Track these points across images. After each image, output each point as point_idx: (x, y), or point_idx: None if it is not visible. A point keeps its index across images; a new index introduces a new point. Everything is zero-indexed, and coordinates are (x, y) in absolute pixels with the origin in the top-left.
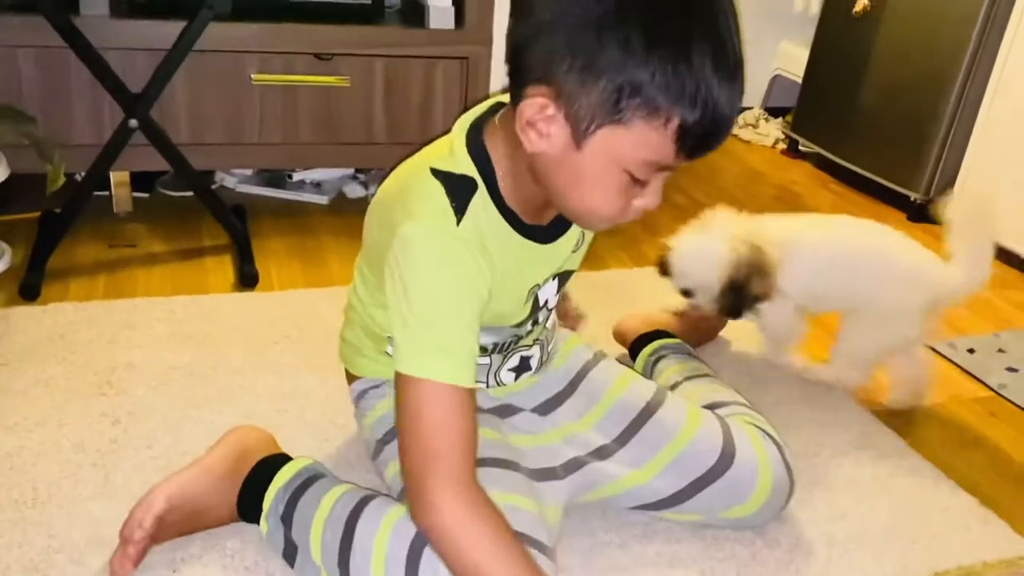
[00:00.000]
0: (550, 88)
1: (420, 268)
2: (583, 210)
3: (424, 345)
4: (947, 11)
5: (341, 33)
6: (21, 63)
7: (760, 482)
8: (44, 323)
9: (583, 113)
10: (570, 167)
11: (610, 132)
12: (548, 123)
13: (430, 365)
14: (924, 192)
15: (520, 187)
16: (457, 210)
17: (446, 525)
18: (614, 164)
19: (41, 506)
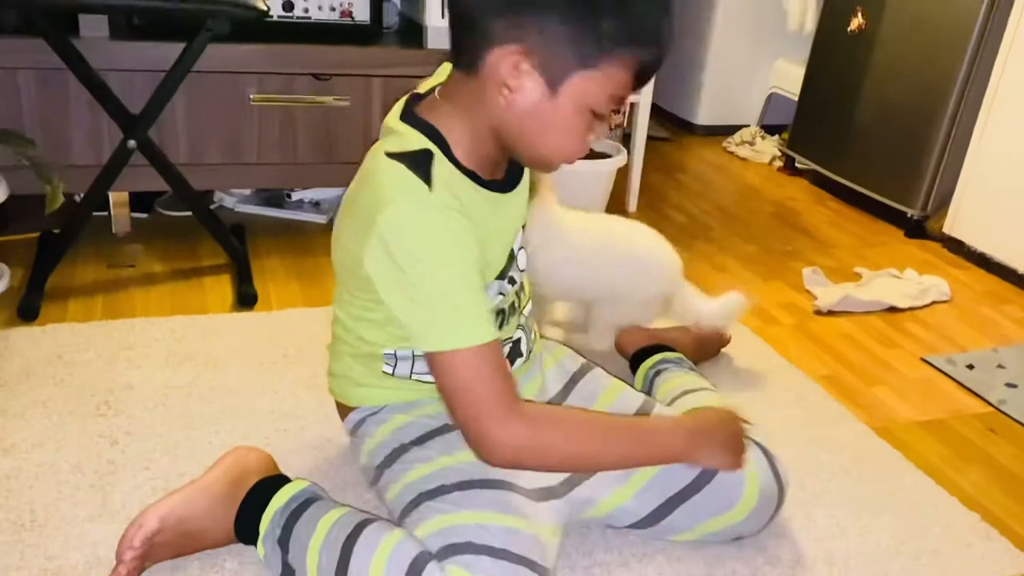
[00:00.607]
0: (521, 45)
1: (413, 245)
2: (550, 153)
3: (441, 319)
4: (942, 28)
5: (339, 53)
6: (21, 84)
7: (747, 490)
8: (42, 344)
9: (557, 63)
10: (543, 116)
11: (582, 77)
12: (522, 79)
13: (453, 337)
14: (921, 208)
15: (476, 148)
16: (425, 179)
17: (522, 450)
18: (584, 106)
19: (39, 528)
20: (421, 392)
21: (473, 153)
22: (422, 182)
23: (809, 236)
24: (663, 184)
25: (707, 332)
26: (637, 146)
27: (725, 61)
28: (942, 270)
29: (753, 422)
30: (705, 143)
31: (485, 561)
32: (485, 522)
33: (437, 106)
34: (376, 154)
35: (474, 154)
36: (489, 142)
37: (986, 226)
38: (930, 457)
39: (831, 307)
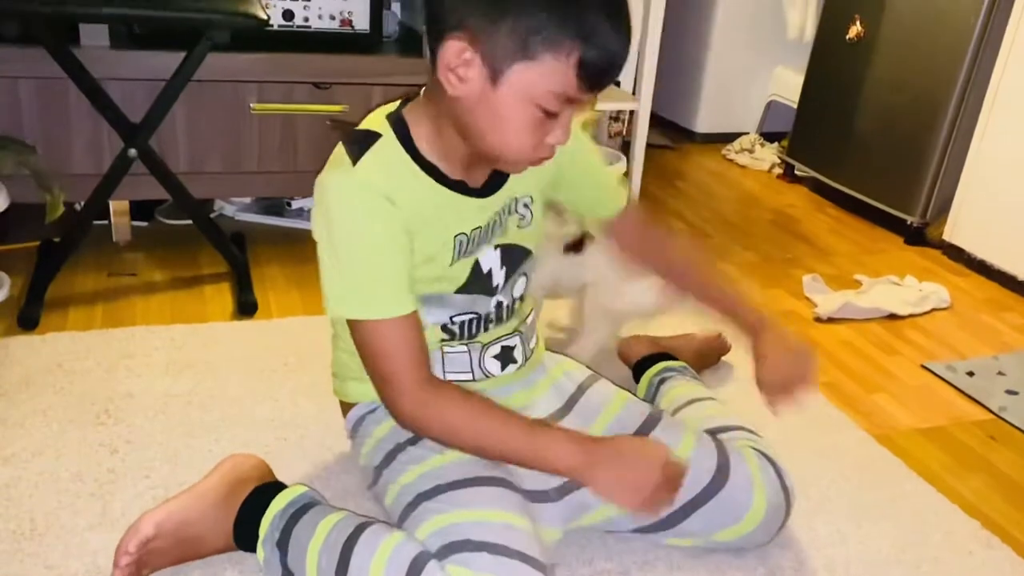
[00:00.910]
0: (465, 33)
1: (333, 211)
2: (501, 149)
3: (360, 285)
4: (940, 36)
5: (339, 62)
6: (22, 93)
7: (755, 503)
8: (42, 353)
9: (498, 53)
10: (488, 107)
11: (522, 68)
12: (466, 67)
13: (367, 307)
14: (920, 215)
15: (441, 142)
16: (352, 156)
17: (421, 420)
18: (527, 99)
19: (39, 537)
20: None
21: (437, 147)
22: (348, 158)
23: (809, 243)
24: (663, 192)
25: (708, 341)
26: (636, 154)
27: (724, 69)
28: (942, 277)
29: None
30: (704, 151)
31: (484, 557)
32: (483, 519)
33: (417, 104)
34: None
35: (438, 148)
36: (454, 137)
37: (986, 233)
38: (931, 464)
39: (831, 314)
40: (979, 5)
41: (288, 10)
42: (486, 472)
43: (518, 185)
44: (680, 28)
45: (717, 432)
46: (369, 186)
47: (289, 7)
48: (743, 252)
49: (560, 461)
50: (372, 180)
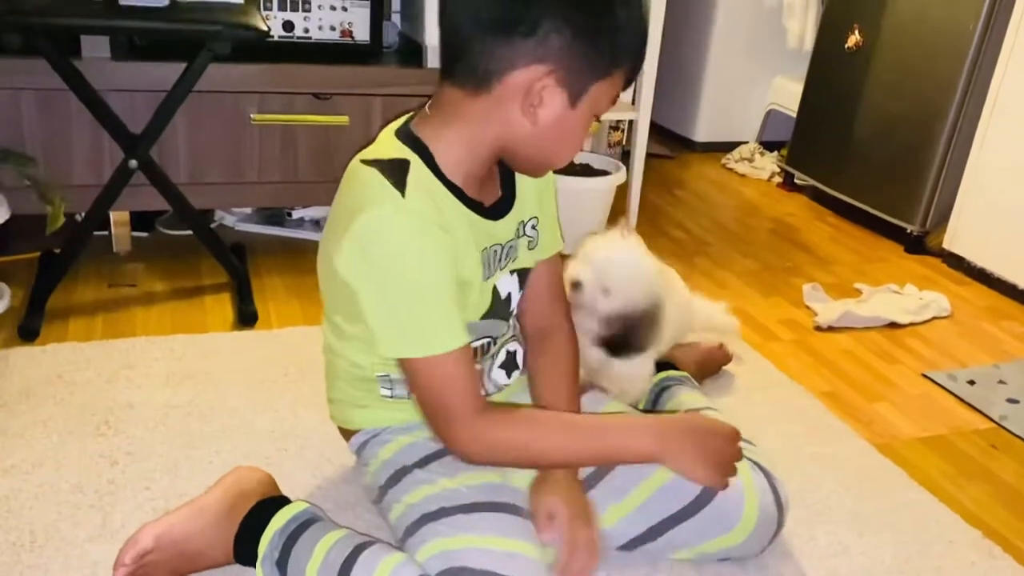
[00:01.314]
0: (545, 66)
1: (390, 249)
2: (559, 159)
3: (411, 326)
4: (939, 44)
5: (340, 73)
6: (23, 105)
7: (746, 511)
8: (43, 364)
9: (579, 78)
10: (562, 128)
11: (597, 87)
12: (547, 95)
13: (422, 344)
14: (920, 224)
15: (464, 163)
16: (397, 186)
17: (488, 449)
18: (590, 112)
19: (39, 549)
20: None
21: (460, 168)
22: (394, 188)
23: (808, 252)
24: (662, 201)
25: (708, 351)
26: (636, 163)
27: (724, 78)
28: (942, 285)
29: (755, 444)
30: (704, 160)
31: None
32: (486, 546)
33: (425, 120)
34: (352, 163)
35: (460, 169)
36: (481, 158)
37: (986, 241)
38: (932, 474)
39: (831, 323)
40: (978, 13)
41: (288, 21)
42: (492, 498)
43: (524, 208)
44: (679, 37)
45: None
46: (421, 214)
47: (290, 18)
48: (743, 261)
49: (637, 452)
50: (423, 207)
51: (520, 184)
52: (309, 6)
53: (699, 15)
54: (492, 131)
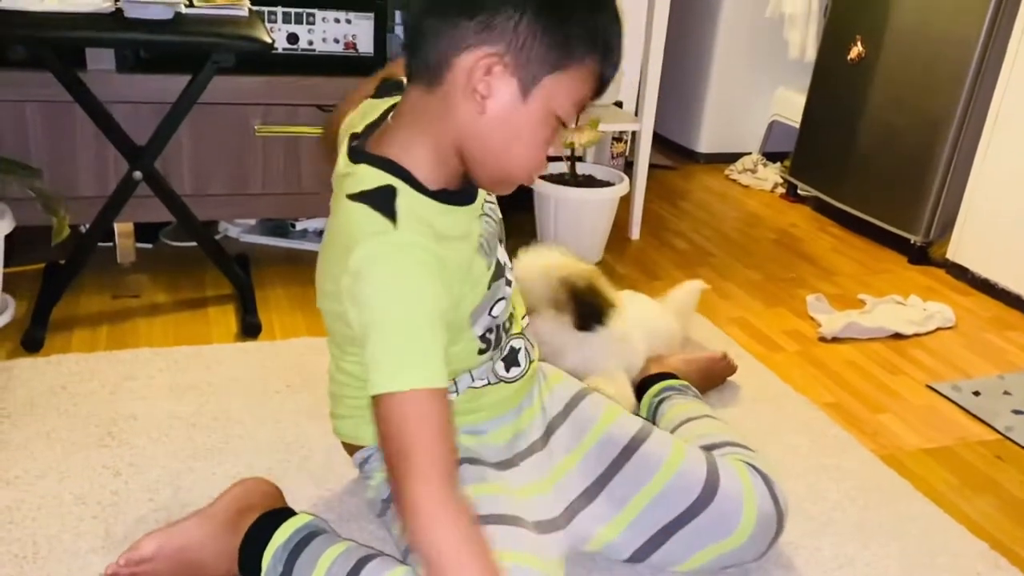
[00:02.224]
0: (494, 48)
1: (381, 286)
2: (515, 166)
3: (402, 358)
4: (941, 55)
5: (343, 85)
6: (28, 117)
7: (745, 515)
8: (46, 375)
9: (530, 66)
10: (510, 123)
11: (553, 80)
12: (496, 82)
13: (409, 376)
14: (924, 235)
15: (441, 166)
16: (389, 217)
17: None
18: (550, 112)
19: (42, 560)
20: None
21: (439, 173)
22: (387, 220)
23: (812, 263)
24: (665, 212)
25: (712, 361)
26: (639, 174)
27: (726, 89)
28: (946, 296)
29: (754, 451)
30: (707, 171)
31: None
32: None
33: (391, 133)
34: (338, 200)
35: (440, 173)
36: (453, 158)
37: (989, 252)
38: (937, 485)
39: (835, 334)
40: (980, 24)
41: (293, 34)
42: (496, 511)
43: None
44: (682, 49)
45: (711, 448)
46: (415, 244)
47: (294, 31)
48: (746, 272)
49: None
50: (416, 235)
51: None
52: (313, 19)
53: (702, 26)
54: (449, 129)
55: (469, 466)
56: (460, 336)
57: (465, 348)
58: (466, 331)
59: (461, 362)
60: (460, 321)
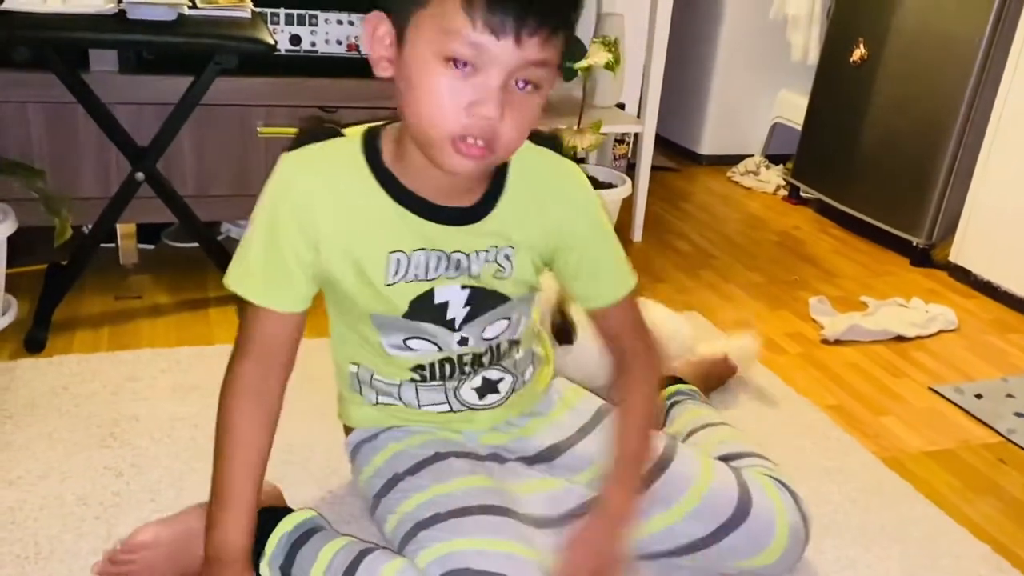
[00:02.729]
0: (379, 11)
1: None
2: (422, 124)
3: (240, 265)
4: (944, 57)
5: (345, 86)
6: (31, 118)
7: (778, 533)
8: (48, 375)
9: (398, 11)
10: (403, 74)
11: (417, 17)
12: (384, 39)
13: (244, 286)
14: (926, 237)
15: (403, 153)
16: (292, 145)
17: (222, 398)
18: (429, 52)
19: (43, 561)
20: (399, 416)
21: (399, 160)
22: (293, 150)
23: (814, 265)
24: (668, 214)
25: (713, 363)
26: (641, 176)
27: (729, 91)
28: (948, 299)
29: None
30: (710, 173)
31: None
32: (484, 548)
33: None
34: None
35: (401, 162)
36: (408, 146)
37: (992, 254)
38: (939, 488)
39: (838, 336)
40: (984, 25)
41: (295, 35)
42: (486, 501)
43: (504, 231)
44: (684, 51)
45: (731, 459)
46: (280, 181)
47: (296, 32)
48: (748, 274)
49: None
50: (287, 176)
51: (507, 208)
52: (316, 20)
53: (705, 28)
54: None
55: (456, 460)
56: (358, 324)
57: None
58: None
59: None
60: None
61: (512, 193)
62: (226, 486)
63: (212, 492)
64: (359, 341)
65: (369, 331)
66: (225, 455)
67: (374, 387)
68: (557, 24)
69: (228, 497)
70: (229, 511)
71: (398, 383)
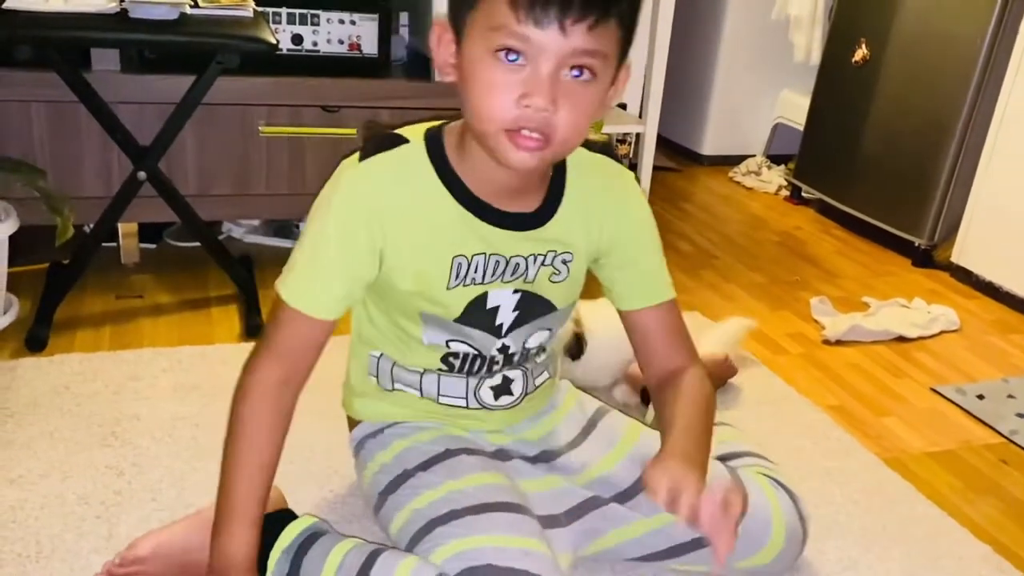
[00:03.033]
0: (443, 20)
1: (320, 199)
2: (477, 119)
3: (296, 272)
4: (946, 57)
5: (347, 86)
6: (33, 117)
7: (774, 532)
8: (50, 374)
9: (456, 15)
10: (462, 74)
11: (471, 18)
12: (448, 46)
13: (297, 295)
14: (928, 237)
15: (467, 155)
16: (363, 153)
17: (237, 395)
18: (482, 49)
19: (44, 560)
20: (411, 407)
21: (464, 163)
22: (358, 155)
23: (816, 266)
24: (669, 214)
25: (715, 363)
26: (643, 176)
27: (731, 92)
28: (950, 299)
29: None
30: (711, 173)
31: None
32: (502, 544)
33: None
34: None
35: (466, 164)
36: (475, 149)
37: (994, 255)
38: (941, 488)
39: (839, 337)
40: (986, 26)
41: (297, 34)
42: (501, 498)
43: (563, 237)
44: (686, 51)
45: (728, 458)
46: (355, 193)
47: (298, 32)
48: (750, 274)
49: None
50: (362, 188)
51: (567, 214)
52: (318, 20)
53: (706, 28)
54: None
55: (467, 457)
56: (401, 319)
57: (408, 340)
58: (410, 321)
59: (410, 354)
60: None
61: (571, 199)
62: (234, 496)
63: (219, 501)
64: (394, 331)
65: (412, 326)
66: (235, 464)
67: (393, 375)
68: (603, 12)
69: (235, 508)
70: (236, 523)
71: (421, 371)
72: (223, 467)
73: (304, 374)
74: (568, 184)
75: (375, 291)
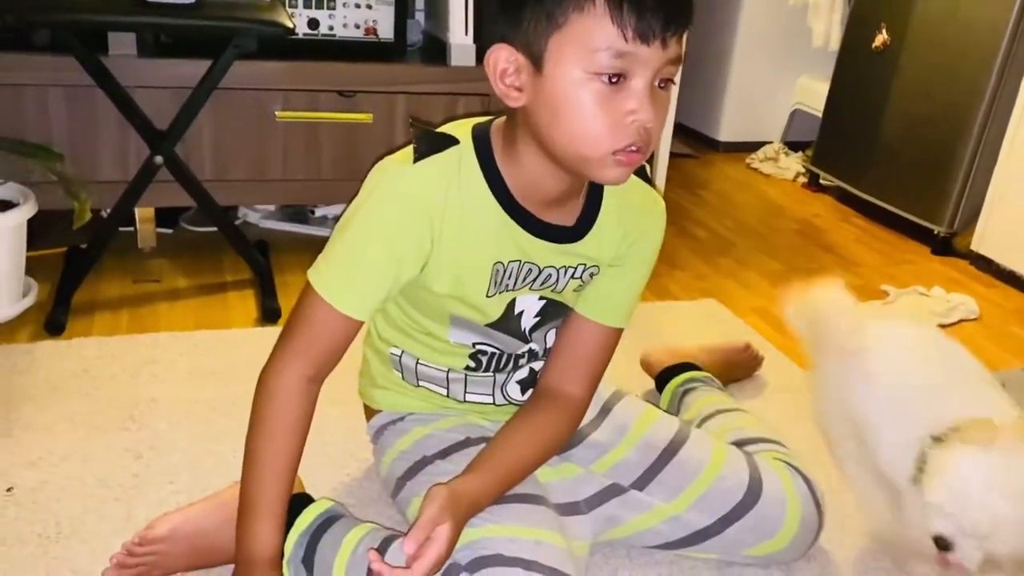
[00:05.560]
0: (505, 41)
1: (369, 191)
2: (576, 144)
3: (337, 270)
4: (968, 44)
5: (364, 70)
6: (51, 101)
7: (788, 518)
8: (69, 358)
9: (531, 38)
10: (546, 99)
11: (557, 41)
12: (516, 69)
13: (333, 290)
14: (948, 225)
15: (513, 164)
16: (416, 153)
17: (261, 392)
18: (578, 71)
19: (65, 541)
20: (434, 402)
21: (509, 169)
22: (412, 154)
23: (834, 253)
24: (686, 201)
25: (735, 352)
26: (660, 163)
27: (748, 78)
28: (970, 288)
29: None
30: (728, 160)
31: (518, 572)
32: (514, 535)
33: (499, 126)
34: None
35: (511, 171)
36: (531, 163)
37: (1015, 243)
38: None
39: None
40: (1009, 9)
41: (313, 19)
42: (517, 489)
43: (595, 253)
44: (703, 37)
45: (744, 444)
46: (408, 194)
47: (314, 16)
48: (768, 261)
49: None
50: (416, 189)
51: (601, 231)
52: (334, 4)
53: (724, 14)
54: (519, 131)
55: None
56: (426, 319)
57: (432, 340)
58: (437, 322)
59: (435, 354)
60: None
61: (608, 215)
62: (259, 495)
63: (243, 496)
64: (417, 330)
65: (439, 327)
66: (260, 464)
67: (418, 372)
68: (690, 21)
69: (261, 507)
70: (260, 522)
71: (446, 370)
72: (246, 462)
73: (329, 370)
74: (605, 198)
75: (403, 291)
